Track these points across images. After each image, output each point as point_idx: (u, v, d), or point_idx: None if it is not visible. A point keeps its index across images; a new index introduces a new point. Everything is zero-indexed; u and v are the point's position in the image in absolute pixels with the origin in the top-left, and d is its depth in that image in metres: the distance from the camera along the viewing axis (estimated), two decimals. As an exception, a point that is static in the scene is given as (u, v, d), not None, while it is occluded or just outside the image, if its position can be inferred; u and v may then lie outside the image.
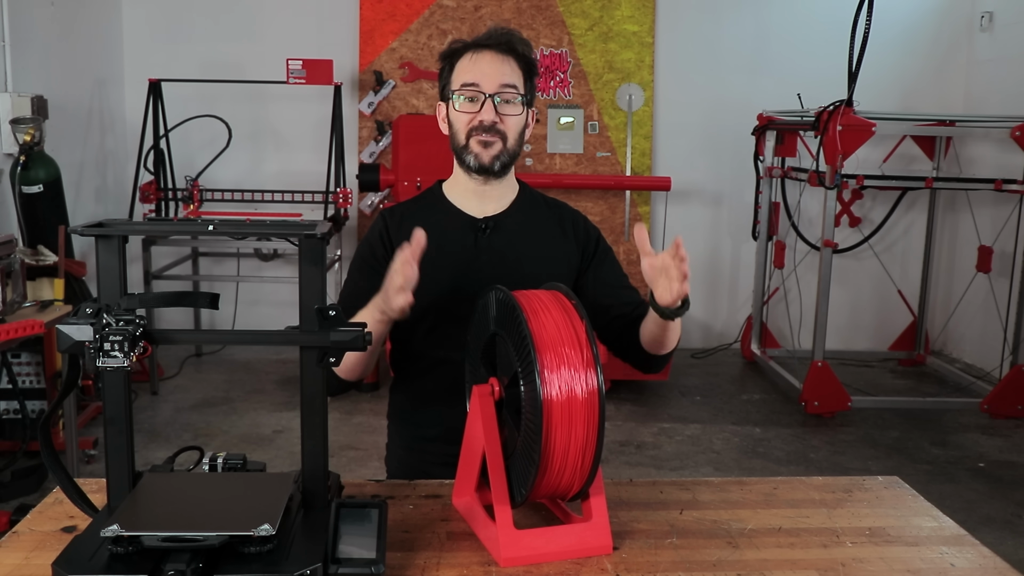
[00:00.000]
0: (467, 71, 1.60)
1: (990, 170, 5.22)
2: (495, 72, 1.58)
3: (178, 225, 1.29)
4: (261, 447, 3.97)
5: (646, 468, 3.89)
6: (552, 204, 1.75)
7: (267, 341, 1.26)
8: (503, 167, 1.62)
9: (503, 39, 1.60)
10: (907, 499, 1.49)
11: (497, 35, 1.61)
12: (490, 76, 1.58)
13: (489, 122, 1.58)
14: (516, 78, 1.60)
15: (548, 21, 5.68)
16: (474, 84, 1.58)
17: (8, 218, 4.16)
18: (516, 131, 1.61)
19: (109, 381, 1.14)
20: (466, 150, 1.61)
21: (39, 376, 3.72)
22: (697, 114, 5.79)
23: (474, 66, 1.59)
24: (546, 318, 1.21)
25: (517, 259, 1.64)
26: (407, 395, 1.72)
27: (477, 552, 1.24)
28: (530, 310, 1.22)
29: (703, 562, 1.23)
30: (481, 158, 1.60)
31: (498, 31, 1.62)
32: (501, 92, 1.58)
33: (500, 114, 1.59)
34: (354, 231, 5.73)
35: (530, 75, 1.63)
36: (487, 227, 1.65)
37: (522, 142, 1.65)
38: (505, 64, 1.59)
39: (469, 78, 1.59)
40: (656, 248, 1.40)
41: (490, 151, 1.60)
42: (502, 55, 1.60)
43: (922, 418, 4.65)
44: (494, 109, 1.58)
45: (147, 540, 1.03)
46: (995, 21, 5.57)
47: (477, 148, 1.60)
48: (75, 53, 5.01)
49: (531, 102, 1.65)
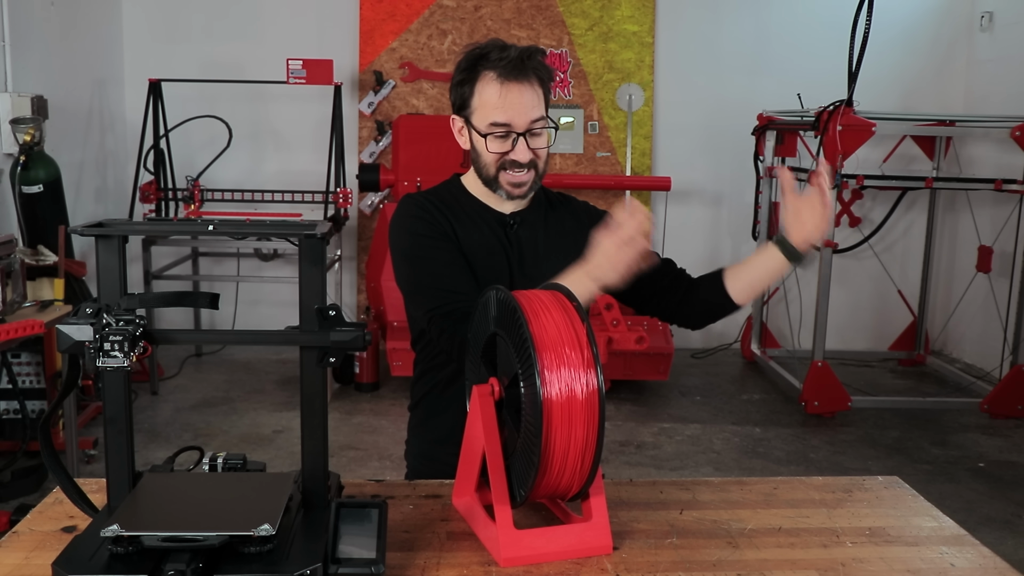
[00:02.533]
0: (496, 108, 1.55)
1: (990, 170, 5.22)
2: (525, 108, 1.55)
3: (178, 225, 1.29)
4: (261, 447, 3.97)
5: (646, 468, 3.89)
6: (562, 199, 1.76)
7: (267, 341, 1.26)
8: (531, 191, 1.64)
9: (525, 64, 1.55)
10: (907, 499, 1.49)
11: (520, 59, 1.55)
12: (521, 113, 1.55)
13: (525, 161, 1.58)
14: (541, 104, 1.58)
15: (548, 21, 5.68)
16: (507, 124, 1.55)
17: (8, 218, 4.16)
18: (545, 157, 1.63)
19: (109, 381, 1.14)
20: (496, 183, 1.62)
21: (39, 376, 3.72)
22: (697, 114, 5.79)
23: (503, 103, 1.54)
24: (546, 318, 1.21)
25: (545, 253, 1.66)
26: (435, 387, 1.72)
27: (477, 552, 1.24)
28: (530, 311, 1.22)
29: (703, 562, 1.23)
30: (513, 194, 1.62)
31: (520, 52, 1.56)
32: (531, 127, 1.57)
33: (532, 149, 1.58)
34: (354, 231, 5.73)
35: (547, 91, 1.62)
36: (515, 223, 1.67)
37: (548, 161, 1.67)
38: (534, 95, 1.56)
39: (500, 117, 1.55)
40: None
41: (522, 188, 1.61)
42: (529, 84, 1.56)
43: (922, 418, 4.65)
44: (527, 146, 1.57)
45: (147, 540, 1.03)
46: (995, 21, 5.57)
47: (508, 187, 1.61)
48: (75, 53, 5.01)
49: None
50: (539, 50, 1.59)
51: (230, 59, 5.48)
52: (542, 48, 1.64)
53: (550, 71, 1.62)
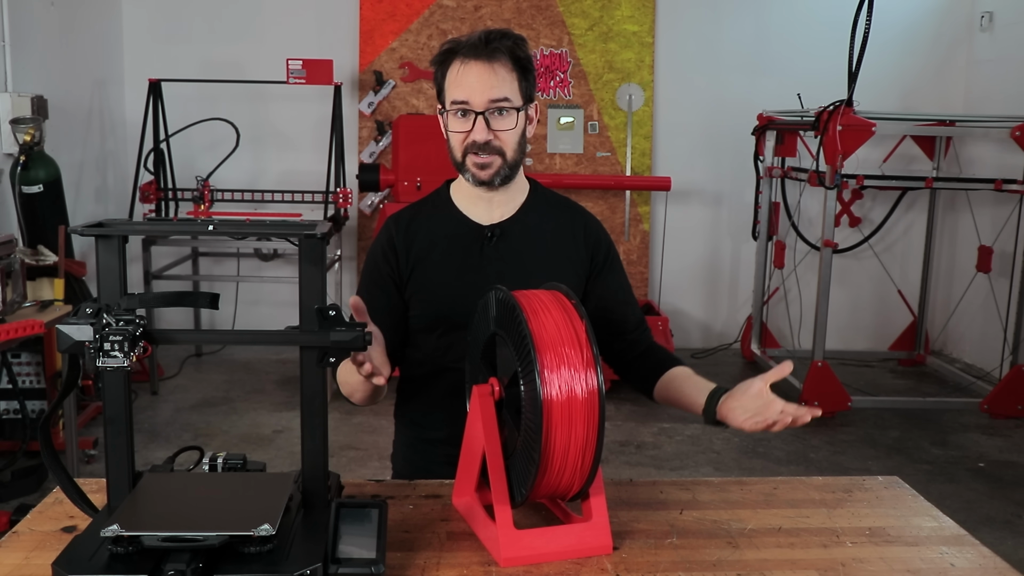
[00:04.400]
0: (456, 86, 1.53)
1: (990, 170, 5.22)
2: (483, 86, 1.51)
3: (178, 225, 1.29)
4: (261, 447, 3.97)
5: (646, 468, 3.89)
6: (564, 206, 1.70)
7: (267, 341, 1.26)
8: (504, 179, 1.58)
9: (489, 45, 1.52)
10: (907, 499, 1.49)
11: (482, 41, 1.52)
12: (479, 91, 1.51)
13: (482, 141, 1.53)
14: (507, 85, 1.53)
15: (548, 21, 5.68)
16: (464, 102, 1.52)
17: (8, 218, 4.16)
18: (513, 142, 1.56)
19: (109, 381, 1.14)
20: (463, 168, 1.58)
21: (39, 376, 3.72)
22: (697, 114, 5.79)
23: (463, 80, 1.52)
24: (546, 318, 1.21)
25: (524, 267, 1.60)
26: (413, 398, 1.72)
27: (477, 552, 1.24)
28: (530, 310, 1.22)
29: (703, 562, 1.23)
30: (479, 177, 1.57)
31: (483, 34, 1.53)
32: (492, 107, 1.52)
33: (493, 130, 1.53)
34: (354, 231, 5.73)
35: (525, 73, 1.56)
36: (493, 235, 1.62)
37: (523, 148, 1.60)
38: (494, 74, 1.52)
39: (459, 95, 1.52)
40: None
41: (487, 171, 1.56)
42: (490, 64, 1.52)
43: (922, 418, 4.65)
44: (486, 127, 1.52)
45: (147, 540, 1.03)
46: (995, 21, 5.57)
47: (474, 168, 1.56)
48: (75, 53, 5.01)
49: (530, 98, 1.58)
50: (509, 33, 1.55)
51: (230, 59, 5.48)
52: (517, 34, 1.57)
53: (524, 55, 1.55)
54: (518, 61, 1.55)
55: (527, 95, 1.58)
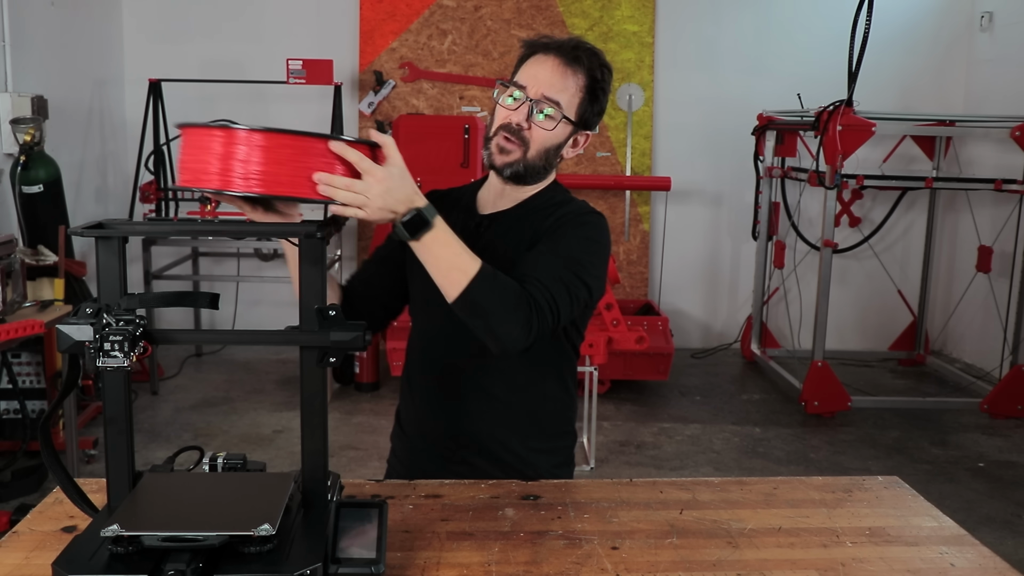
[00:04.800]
0: (526, 70, 1.52)
1: (990, 170, 5.22)
2: (546, 80, 1.49)
3: (178, 225, 1.29)
4: (261, 447, 3.97)
5: (646, 468, 3.89)
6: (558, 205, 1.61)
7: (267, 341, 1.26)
8: (514, 176, 1.53)
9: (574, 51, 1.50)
10: (907, 499, 1.49)
11: (570, 44, 1.51)
12: (540, 82, 1.49)
13: (516, 124, 1.50)
14: (568, 94, 1.50)
15: (548, 21, 5.68)
16: (523, 86, 1.51)
17: (8, 218, 4.16)
18: (542, 145, 1.52)
19: (109, 381, 1.14)
20: (488, 143, 1.56)
21: (39, 376, 3.72)
22: (697, 114, 5.79)
23: (533, 68, 1.51)
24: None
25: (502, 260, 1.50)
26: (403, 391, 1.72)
27: (477, 552, 1.24)
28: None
29: (703, 562, 1.24)
30: (494, 158, 1.54)
31: (576, 40, 1.52)
32: (543, 101, 1.49)
33: (531, 121, 1.50)
34: (354, 231, 5.73)
35: (592, 97, 1.52)
36: (481, 225, 1.60)
37: (550, 160, 1.55)
38: (564, 77, 1.49)
39: (523, 79, 1.51)
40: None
41: (504, 157, 1.52)
42: (564, 67, 1.49)
43: (922, 418, 4.65)
44: (527, 114, 1.50)
45: (147, 540, 1.03)
46: (995, 21, 5.57)
47: (495, 148, 1.54)
48: (75, 53, 5.01)
49: (585, 124, 1.54)
50: (600, 54, 1.53)
51: (230, 59, 5.48)
52: (606, 61, 1.54)
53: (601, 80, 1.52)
54: (592, 81, 1.51)
55: (583, 118, 1.54)
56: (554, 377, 1.62)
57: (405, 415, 1.70)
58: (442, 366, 1.60)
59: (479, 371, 1.57)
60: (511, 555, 1.24)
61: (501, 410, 1.58)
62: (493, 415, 1.58)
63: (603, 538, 1.30)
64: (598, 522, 1.35)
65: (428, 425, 1.64)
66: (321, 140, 1.17)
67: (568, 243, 1.48)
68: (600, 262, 1.52)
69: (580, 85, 1.50)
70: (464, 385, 1.58)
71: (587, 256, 1.48)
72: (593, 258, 1.49)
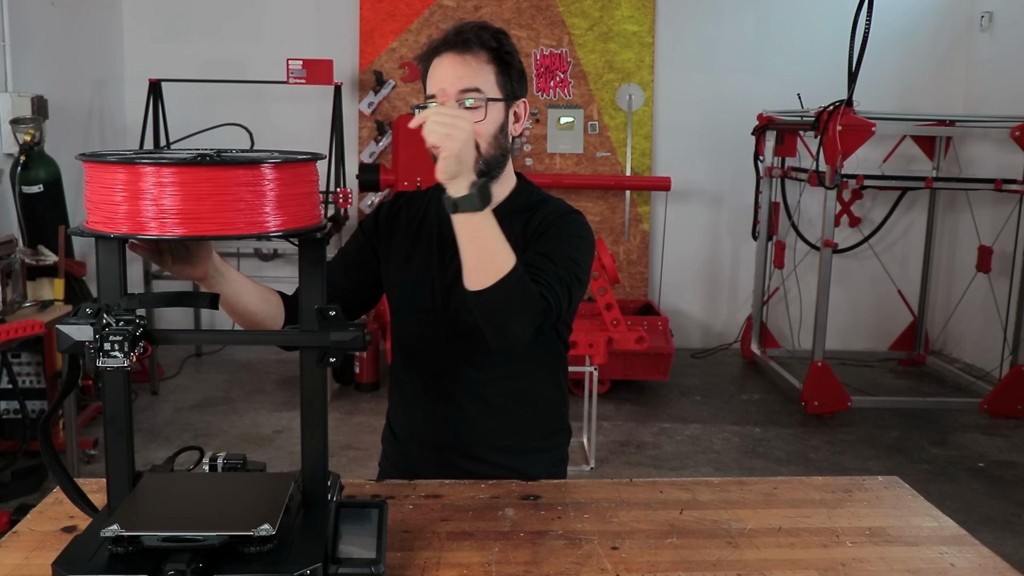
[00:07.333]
0: (431, 80, 1.48)
1: (990, 170, 5.22)
2: (452, 77, 1.44)
3: (178, 225, 1.28)
4: (261, 447, 3.97)
5: (646, 468, 3.89)
6: (537, 205, 1.57)
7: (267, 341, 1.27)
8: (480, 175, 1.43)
9: (460, 35, 1.45)
10: (907, 499, 1.49)
11: (454, 32, 1.46)
12: (449, 81, 1.44)
13: None
14: (480, 77, 1.45)
15: (548, 21, 5.68)
16: (434, 95, 1.46)
17: (8, 218, 4.16)
18: (487, 135, 1.46)
19: (109, 381, 1.14)
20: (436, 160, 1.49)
21: (39, 376, 3.72)
22: (697, 114, 5.79)
23: (435, 74, 1.47)
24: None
25: None
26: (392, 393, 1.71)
27: (477, 552, 1.24)
28: None
29: (703, 562, 1.23)
30: None
31: (460, 26, 1.47)
32: (462, 97, 1.44)
33: None
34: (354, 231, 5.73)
35: (505, 67, 1.47)
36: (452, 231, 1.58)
37: (502, 142, 1.49)
38: (465, 66, 1.45)
39: (431, 88, 1.47)
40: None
41: None
42: (462, 55, 1.45)
43: (922, 418, 4.65)
44: None
45: (147, 540, 1.03)
46: (995, 21, 5.57)
47: None
48: (75, 53, 5.01)
49: (513, 93, 1.49)
50: (487, 26, 1.48)
51: (230, 59, 5.48)
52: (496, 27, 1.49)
53: (503, 48, 1.47)
54: (495, 53, 1.47)
55: (509, 90, 1.49)
56: (546, 374, 1.63)
57: (396, 420, 1.70)
58: (432, 374, 1.60)
59: (471, 378, 1.57)
60: (511, 555, 1.24)
61: (496, 414, 1.58)
62: (489, 420, 1.58)
63: (603, 538, 1.30)
64: (598, 522, 1.35)
65: (422, 433, 1.63)
66: None
67: (560, 243, 1.48)
68: (589, 259, 1.55)
69: (484, 61, 1.47)
70: (457, 392, 1.58)
71: (578, 254, 1.49)
72: (585, 256, 1.52)
